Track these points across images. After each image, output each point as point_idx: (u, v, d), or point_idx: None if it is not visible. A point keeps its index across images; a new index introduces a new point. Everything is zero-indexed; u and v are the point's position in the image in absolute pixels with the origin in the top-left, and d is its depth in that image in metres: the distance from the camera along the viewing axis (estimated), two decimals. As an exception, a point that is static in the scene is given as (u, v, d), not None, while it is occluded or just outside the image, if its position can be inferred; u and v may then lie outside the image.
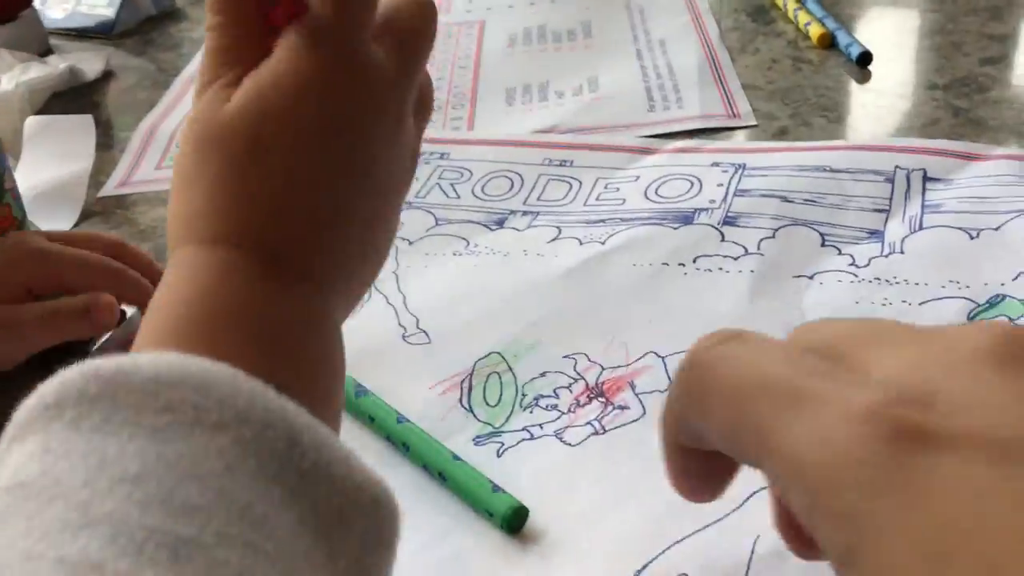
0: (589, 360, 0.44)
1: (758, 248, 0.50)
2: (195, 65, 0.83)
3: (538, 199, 0.57)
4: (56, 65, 0.78)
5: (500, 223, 0.55)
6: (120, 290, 0.48)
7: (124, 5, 0.91)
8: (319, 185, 0.28)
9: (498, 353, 0.45)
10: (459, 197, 0.58)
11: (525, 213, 0.56)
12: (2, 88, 0.71)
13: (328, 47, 0.28)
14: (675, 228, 0.52)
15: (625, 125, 0.64)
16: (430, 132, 0.64)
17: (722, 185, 0.55)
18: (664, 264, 0.50)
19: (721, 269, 0.49)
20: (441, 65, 0.76)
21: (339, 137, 0.28)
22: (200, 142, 0.28)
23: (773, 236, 0.50)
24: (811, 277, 0.47)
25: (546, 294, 0.49)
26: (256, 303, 0.26)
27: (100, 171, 0.67)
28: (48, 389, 0.22)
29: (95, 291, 0.47)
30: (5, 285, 0.46)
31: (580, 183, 0.58)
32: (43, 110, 0.77)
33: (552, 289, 0.49)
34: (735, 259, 0.49)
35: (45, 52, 0.88)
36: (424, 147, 0.63)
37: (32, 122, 0.64)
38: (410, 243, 0.54)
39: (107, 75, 0.83)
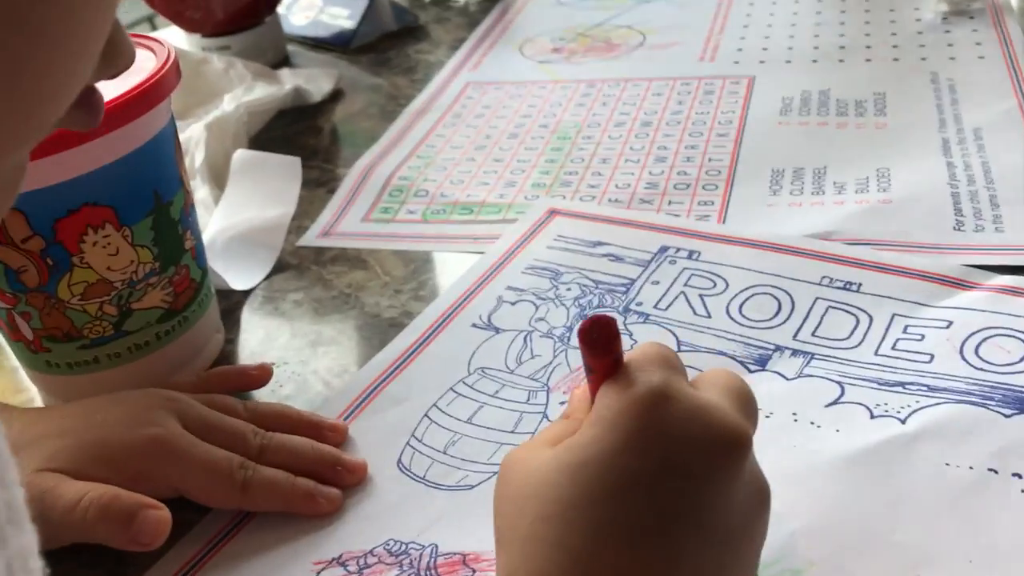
0: None
1: None
2: (426, 96, 0.76)
3: (813, 334, 0.44)
4: (283, 85, 0.74)
5: (762, 363, 0.43)
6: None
7: (366, 17, 0.87)
8: (643, 538, 0.27)
9: None
10: (709, 316, 0.46)
11: (795, 353, 0.44)
12: (222, 109, 0.67)
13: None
14: (1007, 416, 0.38)
15: (921, 245, 0.50)
16: (675, 221, 0.54)
17: None
18: (991, 471, 0.36)
19: None
20: (696, 129, 0.65)
21: (663, 483, 0.27)
22: (509, 493, 0.29)
23: None
24: None
25: (819, 490, 0.37)
26: None
27: (305, 213, 0.61)
28: None
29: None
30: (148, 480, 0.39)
31: (871, 319, 0.45)
32: (264, 130, 0.72)
33: (828, 484, 0.37)
34: None
35: (280, 62, 0.85)
36: (669, 240, 0.53)
37: (240, 156, 0.59)
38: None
39: (335, 94, 0.78)
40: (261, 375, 0.46)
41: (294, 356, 0.49)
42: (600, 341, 0.28)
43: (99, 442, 0.39)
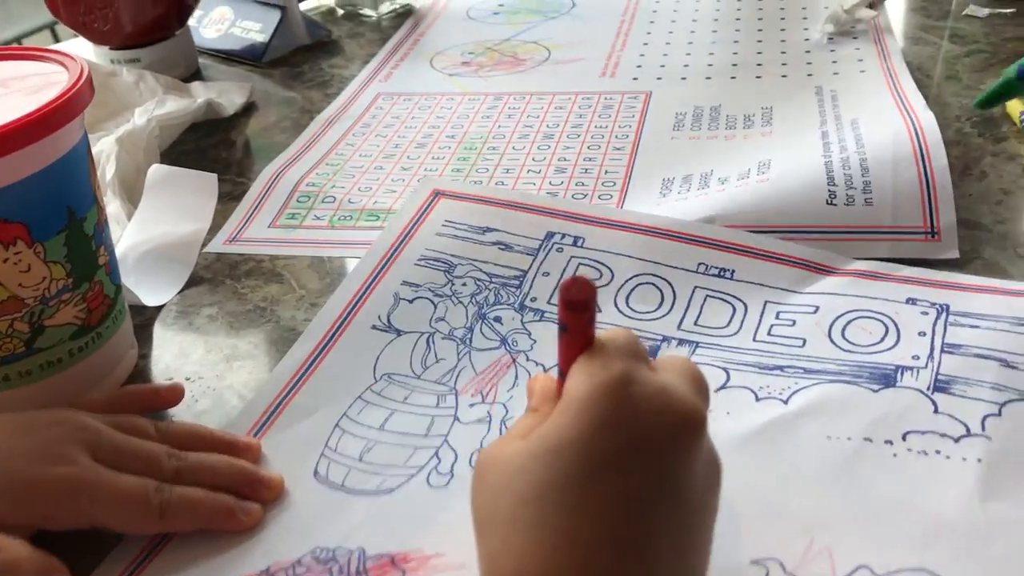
0: (784, 571, 0.36)
1: (983, 428, 0.40)
2: (336, 106, 0.78)
3: (695, 323, 0.48)
4: (195, 99, 0.75)
5: (653, 354, 0.46)
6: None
7: (278, 31, 0.88)
8: (619, 514, 0.28)
9: None
10: (600, 310, 0.49)
11: (682, 342, 0.47)
12: (134, 123, 0.67)
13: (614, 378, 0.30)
14: (875, 390, 0.43)
15: (794, 225, 0.53)
16: (559, 203, 0.57)
17: (925, 334, 0.45)
18: (867, 440, 0.40)
19: (939, 452, 0.39)
20: (594, 142, 0.68)
21: (635, 462, 0.29)
22: (487, 482, 0.31)
23: (999, 414, 0.40)
24: None
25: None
26: None
27: (218, 225, 0.62)
28: None
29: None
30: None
31: (746, 307, 0.48)
32: (176, 143, 0.73)
33: (725, 463, 0.39)
34: (955, 440, 0.40)
35: (192, 75, 0.86)
36: (555, 225, 0.55)
37: (156, 171, 0.60)
38: (546, 369, 0.46)
39: (248, 107, 0.79)
40: (173, 394, 0.46)
41: (209, 371, 0.50)
42: (579, 295, 0.31)
43: (5, 476, 0.38)
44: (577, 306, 0.31)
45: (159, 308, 0.55)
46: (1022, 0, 0.85)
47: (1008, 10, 0.84)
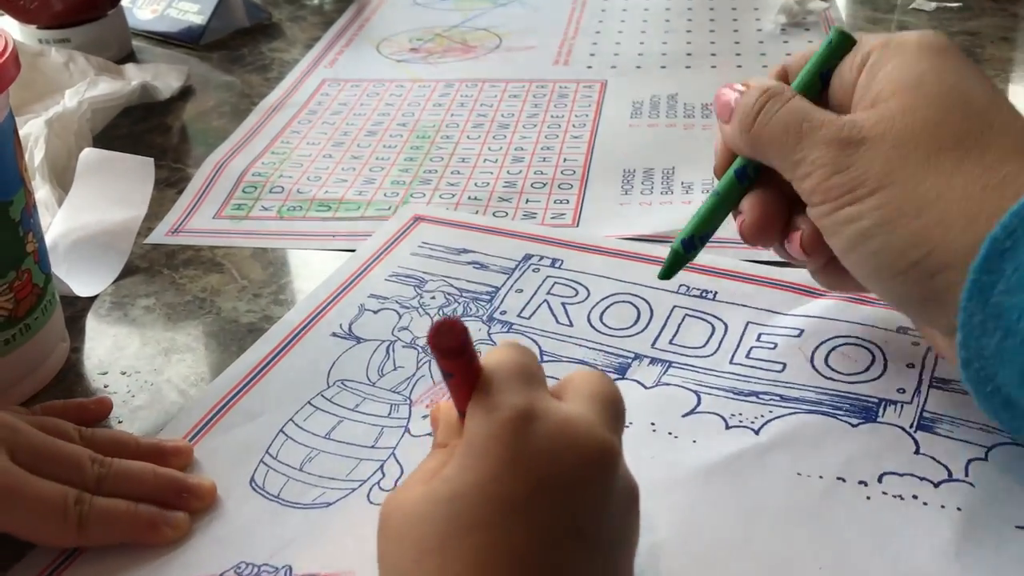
0: None
1: (966, 473, 0.38)
2: (280, 93, 0.75)
3: (670, 342, 0.46)
4: (129, 81, 0.71)
5: (622, 371, 0.44)
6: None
7: (216, 13, 0.84)
8: (526, 559, 0.27)
9: None
10: (571, 324, 0.47)
11: (654, 361, 0.45)
12: (64, 105, 0.63)
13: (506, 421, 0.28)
14: (853, 425, 0.40)
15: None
16: (539, 229, 0.55)
17: (913, 366, 0.43)
18: (839, 479, 0.38)
19: (916, 498, 0.37)
20: (551, 131, 0.66)
21: (539, 504, 0.28)
22: (390, 532, 0.29)
23: (985, 458, 0.38)
24: None
25: (678, 503, 0.37)
26: None
27: (154, 214, 0.59)
28: None
29: None
30: None
31: (726, 326, 0.46)
32: (109, 127, 0.69)
33: (687, 496, 0.37)
34: (935, 485, 0.37)
35: (126, 57, 0.82)
36: (533, 248, 0.53)
37: (88, 155, 0.56)
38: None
39: (185, 91, 0.76)
40: (100, 408, 0.43)
41: (146, 365, 0.47)
42: (451, 343, 0.28)
43: None
44: (451, 353, 0.28)
45: (92, 299, 0.52)
46: (968, -4, 0.86)
47: (954, 4, 0.85)
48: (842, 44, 0.40)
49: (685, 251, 0.43)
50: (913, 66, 0.36)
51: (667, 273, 0.44)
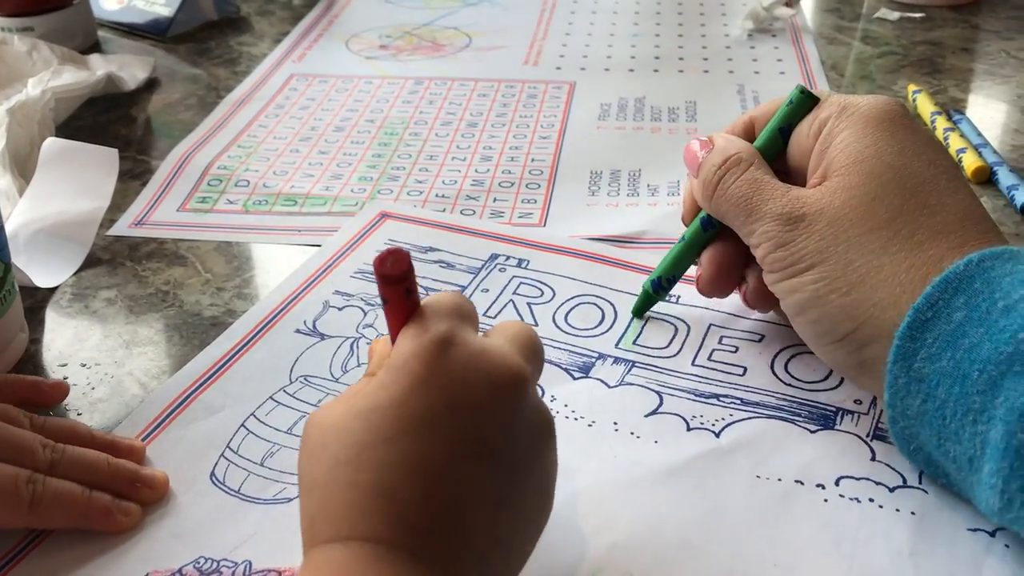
0: None
1: (920, 481, 0.38)
2: (247, 86, 0.74)
3: (634, 342, 0.46)
4: (93, 71, 0.70)
5: (585, 370, 0.44)
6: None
7: (184, 5, 0.84)
8: (433, 472, 0.28)
9: None
10: (537, 324, 0.47)
11: (617, 360, 0.45)
12: (27, 94, 0.63)
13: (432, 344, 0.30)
14: (812, 431, 0.41)
15: None
16: (506, 229, 0.55)
17: None
18: (798, 482, 0.38)
19: (872, 501, 0.37)
20: (519, 131, 0.66)
21: (450, 421, 0.29)
22: (309, 445, 0.30)
23: None
24: (992, 534, 0.36)
25: (638, 503, 0.37)
26: None
27: (117, 206, 0.58)
28: None
29: None
30: None
31: (688, 328, 0.47)
32: (72, 118, 0.69)
33: (647, 496, 0.38)
34: (890, 490, 0.38)
35: (91, 48, 0.81)
36: (500, 248, 0.53)
37: (51, 145, 0.56)
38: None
39: (151, 83, 0.75)
40: (55, 392, 0.43)
41: (107, 357, 0.47)
42: (393, 270, 0.30)
43: None
44: (392, 280, 0.30)
45: (52, 290, 0.51)
46: (931, 6, 0.87)
47: (917, 15, 0.86)
48: (804, 103, 0.42)
49: (654, 291, 0.47)
50: (860, 139, 0.39)
51: (639, 311, 0.47)
